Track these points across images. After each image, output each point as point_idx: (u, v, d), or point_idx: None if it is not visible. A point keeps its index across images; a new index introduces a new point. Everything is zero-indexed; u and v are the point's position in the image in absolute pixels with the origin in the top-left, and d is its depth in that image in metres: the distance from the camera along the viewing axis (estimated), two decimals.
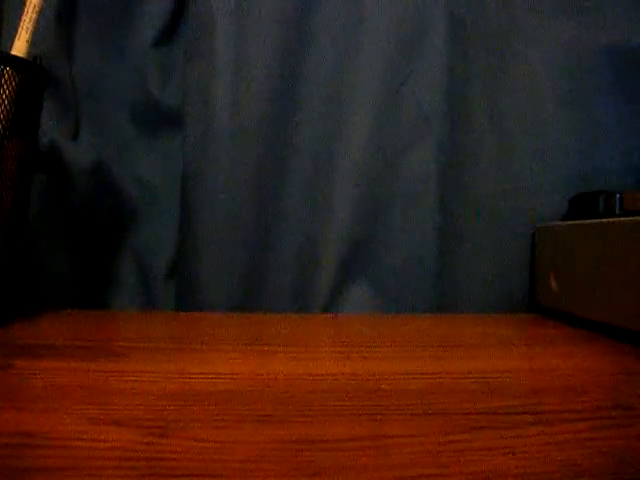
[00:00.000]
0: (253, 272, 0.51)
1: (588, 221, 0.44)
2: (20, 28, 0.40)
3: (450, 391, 0.26)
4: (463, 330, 0.44)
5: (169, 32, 0.52)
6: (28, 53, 0.40)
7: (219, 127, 0.50)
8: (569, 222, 0.48)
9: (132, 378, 0.28)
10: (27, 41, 0.40)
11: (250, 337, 0.40)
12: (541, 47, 0.53)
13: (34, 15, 0.41)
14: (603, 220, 0.42)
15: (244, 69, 0.50)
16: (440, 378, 0.29)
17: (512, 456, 0.19)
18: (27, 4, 0.41)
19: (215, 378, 0.28)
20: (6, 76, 0.37)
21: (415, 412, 0.23)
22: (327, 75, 0.51)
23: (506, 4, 0.53)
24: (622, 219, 0.39)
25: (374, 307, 0.52)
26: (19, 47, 0.40)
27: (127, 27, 0.51)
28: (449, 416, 0.22)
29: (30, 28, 0.40)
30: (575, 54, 0.53)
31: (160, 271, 0.52)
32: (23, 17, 0.40)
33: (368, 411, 0.23)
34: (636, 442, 0.21)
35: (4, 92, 0.37)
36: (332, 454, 0.19)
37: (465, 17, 0.52)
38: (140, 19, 0.51)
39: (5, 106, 0.38)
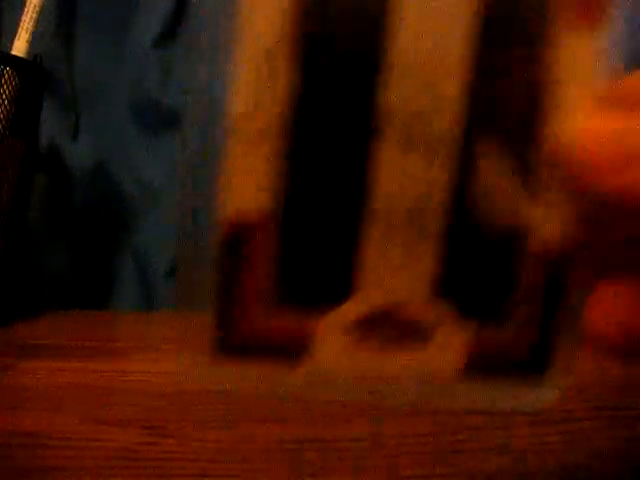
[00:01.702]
0: None
1: None
2: (20, 28, 0.40)
3: None
4: None
5: (169, 32, 0.52)
6: (28, 53, 0.40)
7: (219, 127, 0.50)
8: None
9: (132, 378, 0.28)
10: (27, 41, 0.40)
11: None
12: None
13: (34, 15, 0.41)
14: None
15: None
16: None
17: (512, 456, 0.19)
18: (27, 4, 0.41)
19: None
20: (6, 76, 0.37)
21: (415, 412, 0.23)
22: None
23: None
24: None
25: None
26: (19, 47, 0.40)
27: (127, 27, 0.51)
28: (449, 416, 0.22)
29: (30, 28, 0.40)
30: None
31: (160, 271, 0.52)
32: (23, 17, 0.40)
33: (368, 411, 0.23)
34: (637, 442, 0.21)
35: (4, 92, 0.37)
36: (332, 454, 0.19)
37: None
38: (140, 19, 0.51)
39: (5, 106, 0.38)
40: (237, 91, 0.15)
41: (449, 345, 0.16)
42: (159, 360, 0.32)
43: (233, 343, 0.16)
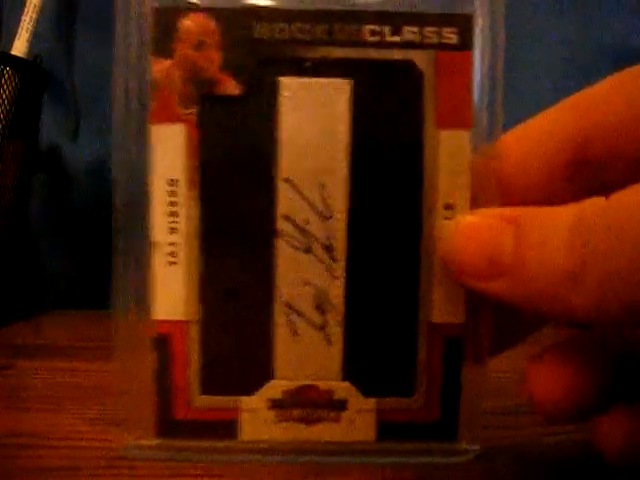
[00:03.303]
0: None
1: None
2: (20, 28, 0.40)
3: None
4: None
5: None
6: (28, 53, 0.40)
7: None
8: None
9: None
10: (27, 41, 0.40)
11: None
12: (541, 47, 0.53)
13: (34, 15, 0.41)
14: None
15: None
16: None
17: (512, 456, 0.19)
18: (27, 4, 0.41)
19: None
20: (6, 76, 0.37)
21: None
22: None
23: (506, 4, 0.53)
24: None
25: None
26: (19, 47, 0.40)
27: None
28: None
29: (30, 28, 0.40)
30: (576, 54, 0.53)
31: None
32: (23, 17, 0.41)
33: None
34: None
35: (4, 92, 0.37)
36: None
37: None
38: None
39: (5, 106, 0.38)
40: (151, 217, 0.17)
41: (359, 417, 0.18)
42: None
43: (171, 422, 0.18)
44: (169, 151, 0.17)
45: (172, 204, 0.18)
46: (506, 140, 0.18)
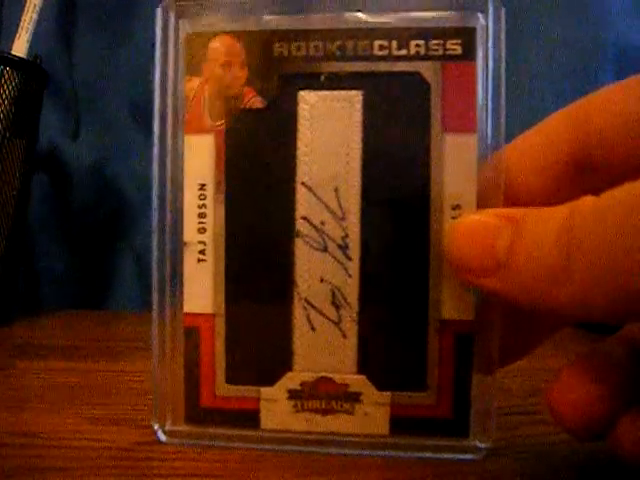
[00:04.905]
0: None
1: None
2: (20, 28, 0.40)
3: None
4: None
5: None
6: (28, 53, 0.40)
7: None
8: None
9: (132, 378, 0.28)
10: (27, 41, 0.40)
11: None
12: (542, 46, 0.53)
13: (34, 15, 0.41)
14: None
15: None
16: None
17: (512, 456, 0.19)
18: (27, 4, 0.41)
19: None
20: (6, 76, 0.37)
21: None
22: None
23: (507, 3, 0.53)
24: None
25: None
26: (19, 47, 0.40)
27: (127, 27, 0.51)
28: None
29: (30, 28, 0.40)
30: (576, 54, 0.53)
31: None
32: (23, 17, 0.40)
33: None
34: None
35: (4, 92, 0.37)
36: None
37: None
38: (140, 19, 0.51)
39: (5, 106, 0.38)
40: (185, 218, 0.19)
41: (373, 411, 0.19)
42: None
43: (198, 410, 0.20)
44: (200, 158, 0.19)
45: (201, 206, 0.19)
46: (510, 150, 0.19)
